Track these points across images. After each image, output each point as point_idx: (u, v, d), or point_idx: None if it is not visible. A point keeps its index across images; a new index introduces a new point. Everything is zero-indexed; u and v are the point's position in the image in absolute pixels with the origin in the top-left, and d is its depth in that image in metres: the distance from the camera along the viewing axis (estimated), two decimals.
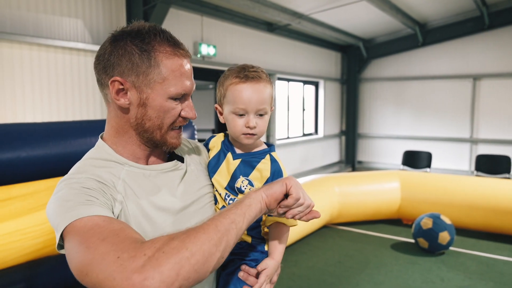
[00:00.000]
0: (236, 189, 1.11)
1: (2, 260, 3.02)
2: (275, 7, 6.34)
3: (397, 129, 9.63)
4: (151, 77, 0.95)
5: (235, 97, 1.07)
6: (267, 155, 1.13)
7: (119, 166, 0.99)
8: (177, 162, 1.09)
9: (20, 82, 3.85)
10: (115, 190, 0.94)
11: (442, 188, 5.13)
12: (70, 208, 0.84)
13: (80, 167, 0.97)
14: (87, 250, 0.76)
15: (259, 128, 1.09)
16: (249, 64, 1.12)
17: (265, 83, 1.09)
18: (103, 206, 0.87)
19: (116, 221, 0.84)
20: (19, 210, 2.72)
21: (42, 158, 2.07)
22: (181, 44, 1.00)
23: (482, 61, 8.44)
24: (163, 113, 0.98)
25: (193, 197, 1.07)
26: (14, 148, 1.95)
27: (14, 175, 2.02)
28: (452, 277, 3.78)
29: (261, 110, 1.08)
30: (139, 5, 4.48)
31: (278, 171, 1.11)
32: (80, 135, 2.24)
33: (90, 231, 0.79)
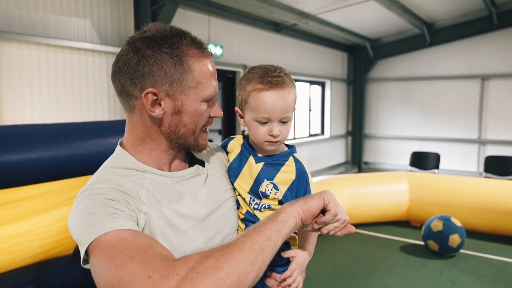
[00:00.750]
0: (260, 194, 1.07)
1: (11, 261, 3.02)
2: (282, 7, 6.31)
3: (404, 130, 9.56)
4: (185, 84, 0.92)
5: (258, 105, 1.03)
6: (290, 157, 1.11)
7: (141, 174, 0.95)
8: (199, 167, 1.06)
9: (28, 82, 3.85)
10: (139, 201, 0.90)
11: (452, 190, 5.07)
12: (95, 222, 0.80)
13: (100, 176, 0.93)
14: (115, 268, 0.73)
15: (282, 135, 1.06)
16: (271, 66, 1.07)
17: (289, 89, 1.04)
18: (128, 219, 0.84)
19: (143, 235, 0.80)
20: (28, 211, 2.72)
21: (53, 160, 2.05)
22: (204, 44, 0.98)
23: (490, 61, 8.36)
24: (197, 117, 0.97)
25: (216, 202, 1.04)
26: (25, 150, 1.93)
27: (25, 177, 2.00)
28: (463, 281, 3.73)
29: (285, 118, 1.05)
30: (147, 5, 4.46)
31: (303, 173, 1.09)
32: (91, 136, 2.22)
33: (117, 247, 0.76)
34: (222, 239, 1.03)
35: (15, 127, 1.99)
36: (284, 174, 1.08)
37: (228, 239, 1.04)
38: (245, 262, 0.75)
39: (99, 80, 4.46)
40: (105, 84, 4.53)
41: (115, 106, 4.65)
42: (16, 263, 3.10)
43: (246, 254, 0.76)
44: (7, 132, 1.91)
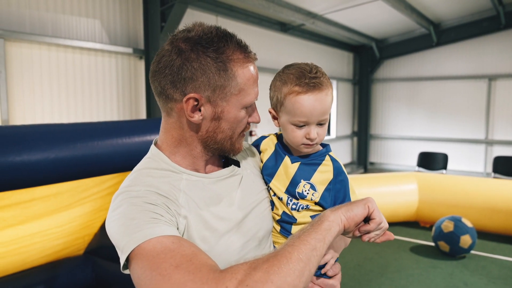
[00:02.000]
0: (297, 194, 1.05)
1: (22, 261, 3.02)
2: (289, 7, 6.29)
3: (410, 130, 9.52)
4: (227, 90, 0.90)
5: (296, 109, 0.99)
6: (326, 156, 1.08)
7: (176, 176, 0.93)
8: (234, 167, 1.04)
9: (39, 82, 3.85)
10: (178, 204, 0.88)
11: (462, 190, 5.04)
12: (136, 228, 0.78)
13: (136, 178, 0.90)
14: (161, 278, 0.71)
15: (319, 137, 1.03)
16: (306, 65, 1.03)
17: (326, 90, 1.00)
18: (169, 224, 0.82)
19: (186, 242, 0.79)
20: (41, 211, 2.72)
21: (69, 160, 2.04)
22: (249, 48, 0.94)
23: (497, 61, 8.31)
24: (236, 124, 0.94)
25: (252, 204, 1.02)
26: (43, 150, 1.92)
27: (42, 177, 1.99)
28: (475, 282, 3.70)
29: (323, 120, 1.02)
30: (156, 5, 4.45)
31: (341, 172, 1.06)
32: (107, 136, 2.21)
33: (161, 255, 0.74)
34: (259, 241, 1.01)
35: (32, 127, 1.98)
36: (321, 174, 1.06)
37: (264, 241, 1.03)
38: (294, 274, 0.73)
39: (108, 80, 4.46)
40: (115, 84, 4.53)
41: (124, 106, 4.64)
42: (27, 264, 3.10)
43: (294, 266, 0.74)
44: (25, 131, 1.91)
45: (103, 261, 3.30)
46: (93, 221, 3.24)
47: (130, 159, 2.38)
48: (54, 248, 3.19)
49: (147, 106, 4.70)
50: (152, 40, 4.51)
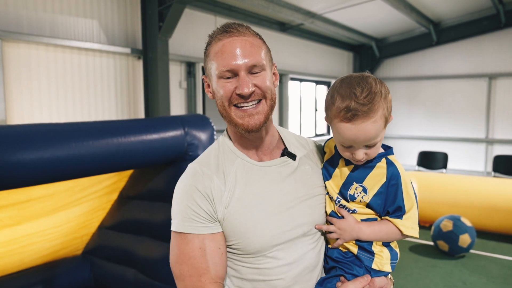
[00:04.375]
0: (348, 196, 1.05)
1: (20, 261, 3.02)
2: (288, 7, 6.29)
3: (410, 130, 9.51)
4: (208, 67, 1.05)
5: (340, 133, 0.99)
6: (383, 159, 1.04)
7: (234, 157, 1.08)
8: (287, 158, 1.10)
9: (36, 82, 3.85)
10: (224, 181, 1.04)
11: (461, 190, 5.03)
12: (182, 217, 1.02)
13: (204, 157, 1.10)
14: (179, 271, 1.01)
15: (369, 156, 1.01)
16: (359, 84, 0.96)
17: (374, 118, 0.95)
18: (206, 222, 1.01)
19: (208, 255, 0.99)
20: (38, 211, 2.71)
21: (64, 159, 2.04)
22: (229, 28, 1.03)
23: (498, 60, 8.29)
24: (219, 93, 1.03)
25: (303, 196, 1.07)
26: (38, 149, 1.92)
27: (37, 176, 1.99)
28: (475, 281, 3.69)
29: (371, 144, 0.99)
30: (154, 6, 4.45)
31: (395, 176, 1.02)
32: (102, 136, 2.21)
33: (185, 255, 1.00)
34: (303, 233, 1.06)
35: (27, 126, 1.98)
36: (374, 177, 1.03)
37: (310, 233, 1.07)
38: None
39: (106, 80, 4.46)
40: (113, 84, 4.53)
41: (123, 106, 4.65)
42: (25, 264, 3.10)
43: None
44: (20, 131, 1.90)
45: (101, 261, 3.29)
46: (91, 221, 3.24)
47: (126, 158, 2.38)
48: (52, 248, 3.19)
49: (145, 106, 4.70)
50: (150, 40, 4.51)
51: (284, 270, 1.02)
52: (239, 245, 1.01)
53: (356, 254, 1.05)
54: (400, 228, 1.03)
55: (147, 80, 4.61)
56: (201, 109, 5.68)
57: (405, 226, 1.03)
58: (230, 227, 1.01)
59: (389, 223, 1.03)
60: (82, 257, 3.40)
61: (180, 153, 2.67)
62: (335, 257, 1.07)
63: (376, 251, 1.06)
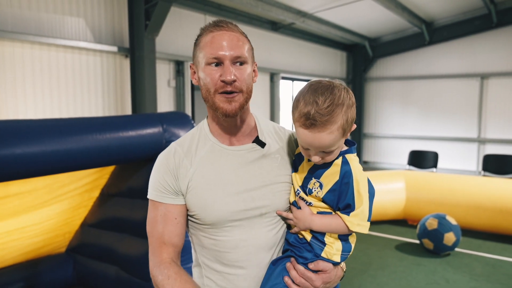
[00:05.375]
0: (307, 190, 1.12)
1: (1, 258, 3.01)
2: (278, 6, 6.30)
3: (403, 129, 9.53)
4: (197, 55, 1.15)
5: (299, 136, 1.07)
6: (340, 158, 1.09)
7: (207, 141, 1.20)
8: (256, 145, 1.20)
9: (21, 81, 3.85)
10: (193, 159, 1.17)
11: (448, 188, 5.04)
12: (154, 187, 1.18)
13: (183, 138, 1.24)
14: (147, 230, 1.20)
15: (326, 159, 1.07)
16: (323, 93, 1.00)
17: (331, 129, 1.00)
18: (169, 194, 1.17)
19: (166, 222, 1.16)
20: (17, 208, 2.71)
21: (37, 155, 2.05)
22: (221, 23, 1.14)
23: (490, 60, 8.31)
24: (206, 79, 1.12)
25: (265, 180, 1.16)
26: (8, 145, 1.93)
27: (10, 172, 1.99)
28: (457, 279, 3.70)
29: (327, 151, 1.04)
30: (140, 4, 4.46)
31: (348, 174, 1.07)
32: (76, 132, 2.22)
33: (152, 219, 1.19)
34: (261, 214, 1.16)
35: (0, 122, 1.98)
36: (329, 175, 1.09)
37: (268, 216, 1.18)
38: None
39: (93, 78, 4.47)
40: (100, 82, 4.54)
41: (110, 104, 4.65)
42: (6, 261, 3.10)
43: None
44: None
45: (84, 259, 3.29)
46: (73, 219, 3.24)
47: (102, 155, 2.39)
48: (33, 246, 3.18)
49: (132, 104, 4.71)
50: (137, 38, 4.52)
51: (239, 245, 1.14)
52: (199, 216, 1.15)
53: (309, 241, 1.13)
54: (346, 224, 1.08)
55: (134, 78, 4.62)
56: (190, 108, 5.69)
57: (351, 222, 1.08)
58: (192, 199, 1.15)
59: (337, 217, 1.10)
60: (65, 254, 3.40)
61: (158, 150, 2.66)
62: (291, 241, 1.17)
63: (328, 242, 1.13)
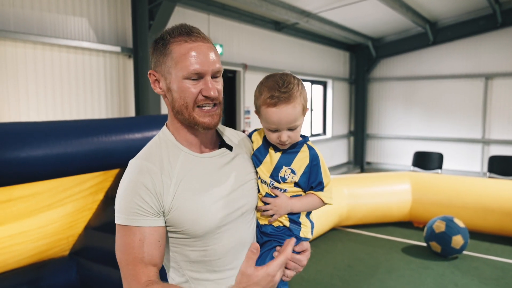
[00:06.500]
0: (280, 178, 1.22)
1: (4, 262, 2.97)
2: (282, 6, 6.25)
3: (406, 130, 9.47)
4: (168, 64, 1.10)
5: (267, 118, 1.17)
6: (304, 145, 1.26)
7: (178, 151, 1.15)
8: (226, 150, 1.23)
9: (24, 81, 3.80)
10: (172, 174, 1.11)
11: (455, 190, 4.99)
12: (127, 211, 1.07)
13: (146, 152, 1.14)
14: (119, 259, 1.08)
15: (291, 139, 1.20)
16: (281, 78, 1.16)
17: (294, 103, 1.15)
18: (149, 216, 1.08)
19: (146, 246, 1.07)
20: (21, 212, 2.67)
21: (42, 159, 1.99)
22: (194, 33, 1.11)
23: (494, 60, 8.26)
24: (183, 93, 1.09)
25: (241, 181, 1.21)
26: (13, 148, 1.88)
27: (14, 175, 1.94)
28: (466, 283, 3.64)
29: (292, 126, 1.18)
30: (144, 4, 4.40)
31: (316, 157, 1.24)
32: (82, 135, 2.16)
33: (126, 245, 1.07)
34: (242, 213, 1.20)
35: (2, 125, 1.93)
36: (299, 160, 1.23)
37: (246, 214, 1.22)
38: None
39: (96, 79, 4.42)
40: (102, 82, 4.49)
41: (113, 105, 4.60)
42: (10, 265, 3.06)
43: None
44: None
45: (87, 262, 3.25)
46: (76, 222, 3.20)
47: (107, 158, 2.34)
48: (37, 249, 3.14)
49: (135, 104, 4.66)
50: (140, 38, 4.46)
51: (228, 248, 1.17)
52: (189, 230, 1.12)
53: (289, 227, 1.24)
54: (322, 198, 1.24)
55: (137, 79, 4.57)
56: None
57: (326, 197, 1.25)
58: (179, 215, 1.10)
59: (313, 195, 1.25)
60: (68, 258, 3.35)
61: None
62: (269, 232, 1.25)
63: (302, 222, 1.26)
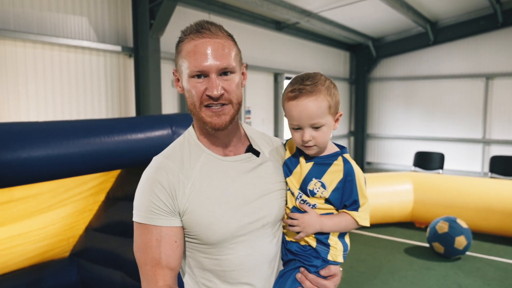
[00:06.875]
0: (308, 192, 1.12)
1: (4, 264, 2.94)
2: (283, 5, 6.22)
3: (407, 130, 9.45)
4: (179, 63, 1.07)
5: (287, 113, 1.11)
6: (339, 157, 1.14)
7: (199, 152, 1.11)
8: (252, 155, 1.15)
9: (23, 80, 3.77)
10: (190, 176, 1.06)
11: (457, 191, 4.97)
12: (144, 209, 1.04)
13: (169, 150, 1.12)
14: (138, 258, 1.06)
15: (316, 140, 1.09)
16: (307, 74, 1.10)
17: (316, 96, 1.06)
18: (165, 215, 1.04)
19: (163, 246, 1.03)
20: (21, 213, 2.64)
21: (43, 159, 1.96)
22: (202, 28, 1.04)
23: (495, 60, 8.24)
24: (190, 92, 1.06)
25: (265, 190, 1.12)
26: (14, 149, 1.84)
27: (15, 176, 1.91)
28: (470, 284, 3.62)
29: (315, 124, 1.08)
30: (145, 3, 4.37)
31: (351, 173, 1.12)
32: (83, 135, 2.13)
33: (144, 244, 1.04)
34: (263, 225, 1.11)
35: (3, 125, 1.90)
36: (331, 174, 1.12)
37: (268, 226, 1.12)
38: None
39: (96, 78, 4.38)
40: (103, 82, 4.45)
41: (113, 105, 4.57)
42: (9, 266, 3.03)
43: None
44: None
45: (88, 264, 3.22)
46: (77, 223, 3.16)
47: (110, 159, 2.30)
48: (37, 250, 3.11)
49: (136, 104, 4.62)
50: (141, 38, 4.43)
51: (245, 261, 1.09)
52: (201, 236, 1.06)
53: (315, 247, 1.13)
54: (356, 220, 1.12)
55: (138, 78, 4.53)
56: None
57: (361, 218, 1.13)
58: (192, 219, 1.05)
59: (346, 215, 1.13)
60: (69, 259, 3.32)
61: None
62: (294, 250, 1.15)
63: (332, 243, 1.14)
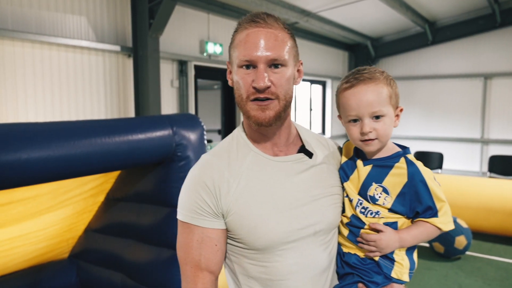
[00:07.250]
0: (369, 198, 1.02)
1: (4, 265, 2.92)
2: (282, 5, 6.21)
3: (405, 130, 9.46)
4: (231, 54, 1.03)
5: (344, 104, 1.02)
6: (401, 158, 1.02)
7: (247, 150, 1.05)
8: (304, 156, 1.07)
9: (22, 80, 3.74)
10: (236, 175, 1.01)
11: (457, 190, 4.97)
12: (187, 208, 1.02)
13: (218, 148, 1.08)
14: (179, 256, 1.05)
15: (377, 132, 1.00)
16: (364, 67, 1.05)
17: (375, 83, 1.00)
18: (207, 216, 1.00)
19: (203, 249, 1.00)
20: (21, 214, 2.62)
21: (43, 160, 1.94)
22: (257, 17, 0.99)
23: (493, 60, 8.25)
24: (238, 83, 1.00)
25: (317, 195, 1.03)
26: (14, 150, 1.82)
27: (15, 178, 1.89)
28: (470, 284, 3.62)
29: (376, 112, 0.99)
30: (144, 2, 4.35)
31: (417, 174, 0.99)
32: (84, 136, 2.12)
33: (185, 244, 1.02)
34: (315, 232, 1.02)
35: (3, 126, 1.88)
36: (393, 177, 1.01)
37: (321, 234, 1.03)
38: None
39: (95, 78, 4.36)
40: (102, 82, 4.43)
41: (112, 105, 4.54)
42: (9, 268, 3.01)
43: None
44: None
45: (87, 265, 3.20)
46: (77, 224, 3.15)
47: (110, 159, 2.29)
48: (37, 252, 3.09)
49: (135, 104, 4.60)
50: (140, 37, 4.41)
51: (294, 270, 0.99)
52: (246, 239, 0.99)
53: (377, 261, 1.01)
54: (438, 226, 1.00)
55: (137, 78, 4.51)
56: (193, 109, 5.59)
57: (443, 223, 1.00)
58: (237, 220, 0.98)
59: (425, 224, 1.01)
60: (68, 260, 3.30)
61: (168, 153, 2.58)
62: (352, 263, 1.03)
63: (397, 259, 1.02)
